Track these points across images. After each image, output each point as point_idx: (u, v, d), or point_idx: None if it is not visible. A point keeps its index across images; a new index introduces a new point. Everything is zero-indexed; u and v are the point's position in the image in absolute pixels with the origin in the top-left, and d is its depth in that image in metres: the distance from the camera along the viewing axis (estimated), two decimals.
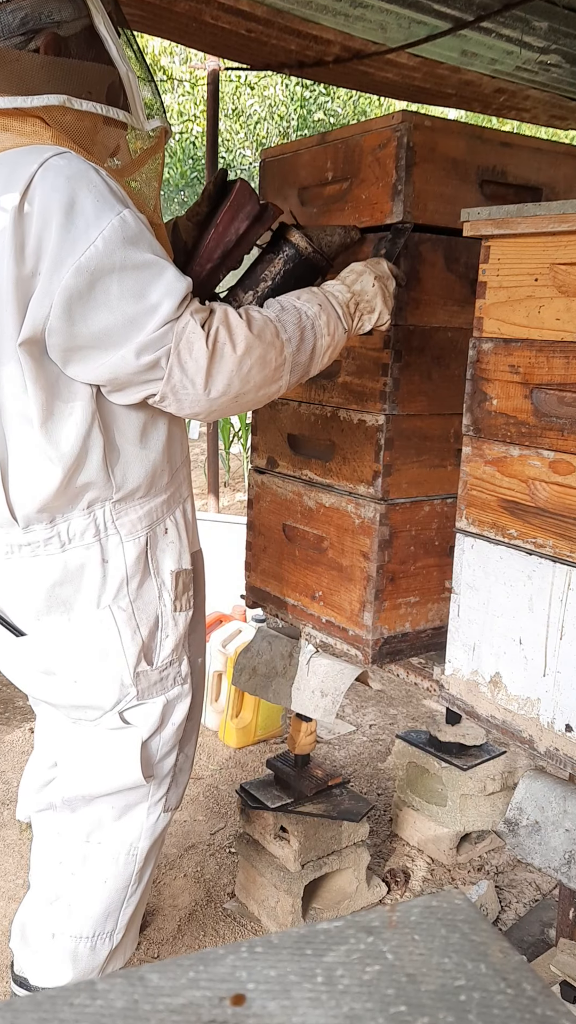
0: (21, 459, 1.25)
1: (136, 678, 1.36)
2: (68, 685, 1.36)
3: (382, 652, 1.62)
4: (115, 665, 1.34)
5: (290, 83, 11.33)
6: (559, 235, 1.18)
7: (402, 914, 0.48)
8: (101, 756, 1.40)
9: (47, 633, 1.34)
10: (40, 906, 1.46)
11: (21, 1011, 0.41)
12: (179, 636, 1.41)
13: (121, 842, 1.43)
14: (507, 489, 1.28)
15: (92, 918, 1.43)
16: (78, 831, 1.43)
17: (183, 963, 0.45)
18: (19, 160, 1.14)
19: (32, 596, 1.32)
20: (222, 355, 1.19)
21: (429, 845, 2.27)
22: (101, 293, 1.13)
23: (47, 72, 1.18)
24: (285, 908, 1.94)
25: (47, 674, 1.37)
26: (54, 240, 1.12)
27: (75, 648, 1.34)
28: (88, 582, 1.32)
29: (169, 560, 1.39)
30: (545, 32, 2.14)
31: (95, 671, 1.34)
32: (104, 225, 1.12)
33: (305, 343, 1.28)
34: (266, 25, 2.00)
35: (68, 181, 1.12)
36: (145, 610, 1.36)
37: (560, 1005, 0.43)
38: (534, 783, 1.35)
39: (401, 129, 1.42)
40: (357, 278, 1.36)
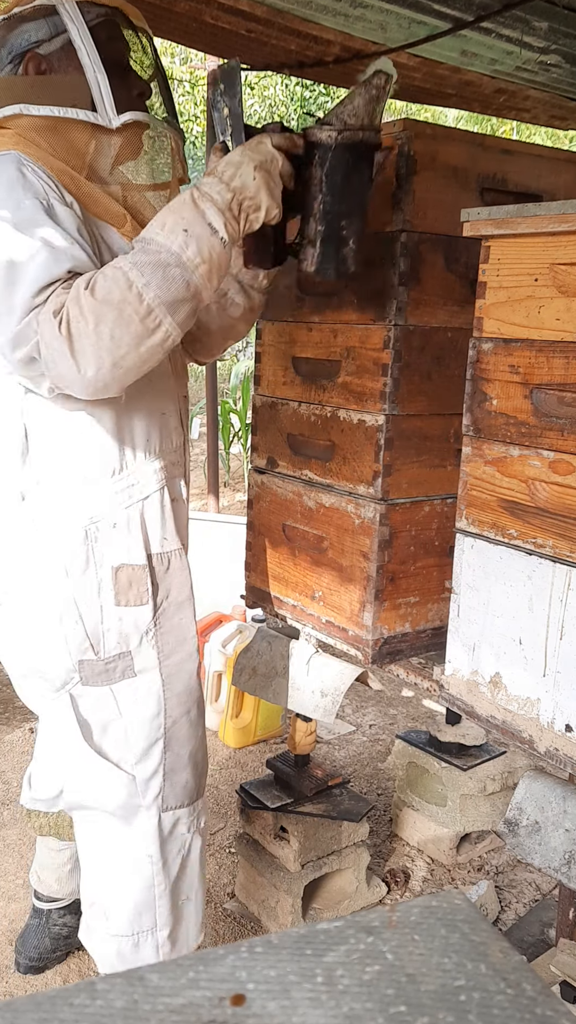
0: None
1: (79, 665, 1.39)
2: (23, 659, 1.43)
3: (382, 652, 1.62)
4: (60, 648, 1.38)
5: (290, 83, 11.33)
6: (559, 235, 1.18)
7: (402, 914, 0.48)
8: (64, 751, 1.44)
9: (7, 607, 1.42)
10: (88, 908, 1.52)
11: (21, 1011, 0.41)
12: (125, 630, 1.40)
13: (131, 848, 1.45)
14: (507, 489, 1.28)
15: (127, 918, 1.47)
16: (96, 838, 1.47)
17: (183, 963, 0.45)
18: None
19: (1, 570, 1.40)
20: (78, 333, 1.16)
21: (429, 845, 2.27)
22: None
23: (18, 90, 1.27)
24: (285, 908, 1.94)
25: (8, 645, 1.45)
26: None
27: (27, 627, 1.40)
28: (32, 568, 1.37)
29: (113, 554, 1.38)
30: (545, 32, 2.14)
31: (44, 652, 1.40)
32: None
33: (172, 281, 1.19)
34: (266, 25, 2.00)
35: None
36: (86, 601, 1.37)
37: (560, 1005, 0.43)
38: (534, 783, 1.35)
39: (402, 137, 1.42)
40: (235, 172, 1.23)
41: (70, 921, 1.87)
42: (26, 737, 2.83)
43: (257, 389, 1.84)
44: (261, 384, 1.83)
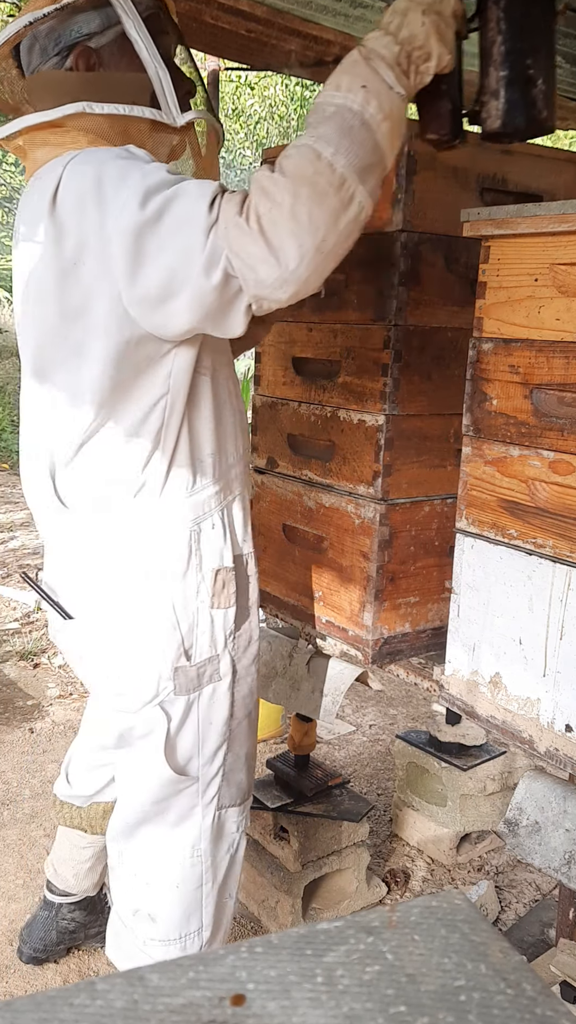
0: (74, 447, 1.26)
1: (175, 673, 1.35)
2: (109, 673, 1.38)
3: (382, 652, 1.62)
4: (154, 658, 1.34)
5: (290, 83, 11.32)
6: (559, 235, 1.18)
7: (402, 914, 0.48)
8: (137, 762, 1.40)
9: (93, 619, 1.36)
10: (125, 919, 1.48)
11: (21, 1011, 0.41)
12: (216, 633, 1.39)
13: (183, 846, 1.43)
14: (507, 489, 1.28)
15: (174, 922, 1.44)
16: (144, 851, 1.44)
17: (183, 963, 0.45)
18: (51, 168, 1.19)
19: (79, 582, 1.35)
20: (272, 222, 1.07)
21: (429, 845, 2.27)
22: (148, 244, 1.12)
23: (73, 87, 1.21)
24: (285, 908, 1.94)
25: (91, 659, 1.40)
26: (92, 220, 1.13)
27: (117, 638, 1.35)
28: (131, 573, 1.31)
29: (212, 557, 1.36)
30: None
31: (136, 664, 1.34)
32: (130, 184, 1.11)
33: (360, 144, 1.09)
34: (266, 25, 2.00)
35: (93, 165, 1.14)
36: (185, 606, 1.34)
37: (560, 1005, 0.43)
38: (534, 783, 1.35)
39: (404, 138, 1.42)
40: (402, 21, 1.12)
41: (79, 917, 1.87)
42: (26, 737, 2.83)
43: (257, 389, 1.84)
44: (261, 384, 1.83)
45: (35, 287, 1.21)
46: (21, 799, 2.46)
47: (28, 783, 2.55)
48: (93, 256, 1.14)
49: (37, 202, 1.19)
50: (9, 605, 3.98)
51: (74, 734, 2.85)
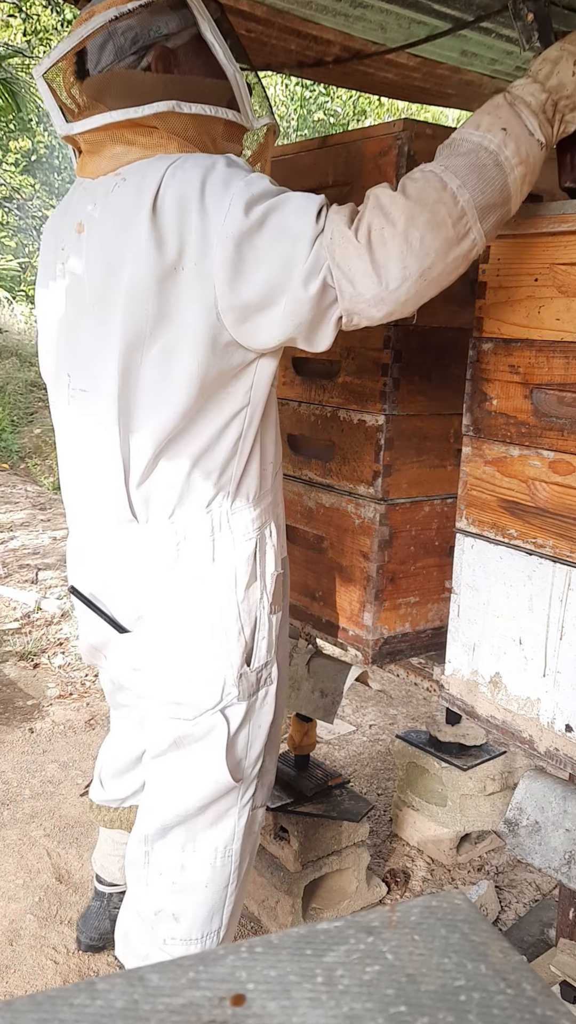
0: (149, 457, 1.26)
1: (238, 679, 1.35)
2: (170, 682, 1.36)
3: (382, 652, 1.62)
4: (220, 665, 1.34)
5: (290, 83, 11.33)
6: (559, 235, 1.18)
7: (402, 914, 0.48)
8: (191, 766, 1.39)
9: (154, 630, 1.35)
10: (146, 918, 1.47)
11: (21, 1011, 0.41)
12: (271, 638, 1.40)
13: (215, 847, 1.43)
14: (507, 489, 1.28)
15: (199, 921, 1.44)
16: (173, 844, 1.44)
17: (183, 963, 0.45)
18: (147, 169, 1.19)
19: (140, 594, 1.35)
20: (382, 240, 1.09)
21: (429, 845, 2.27)
22: (249, 252, 1.13)
23: (156, 87, 1.21)
24: (285, 908, 1.94)
25: (149, 670, 1.38)
26: (195, 225, 1.14)
27: (181, 647, 1.34)
28: (197, 581, 1.32)
29: (271, 563, 1.38)
30: None
31: (199, 670, 1.34)
32: (233, 191, 1.13)
33: (488, 183, 1.11)
34: (266, 25, 2.00)
35: (197, 170, 1.15)
36: (249, 611, 1.35)
37: (560, 1005, 0.43)
38: (534, 783, 1.35)
39: (403, 137, 1.43)
40: (552, 69, 1.12)
41: None
42: (26, 737, 2.83)
43: None
44: None
45: (131, 288, 1.19)
46: (21, 799, 2.46)
47: (28, 783, 2.55)
48: (192, 261, 1.15)
49: (131, 201, 1.18)
50: (9, 605, 3.98)
51: (74, 734, 2.85)
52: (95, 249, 1.25)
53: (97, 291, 1.26)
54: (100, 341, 1.26)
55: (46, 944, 1.93)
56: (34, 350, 9.49)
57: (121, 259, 1.20)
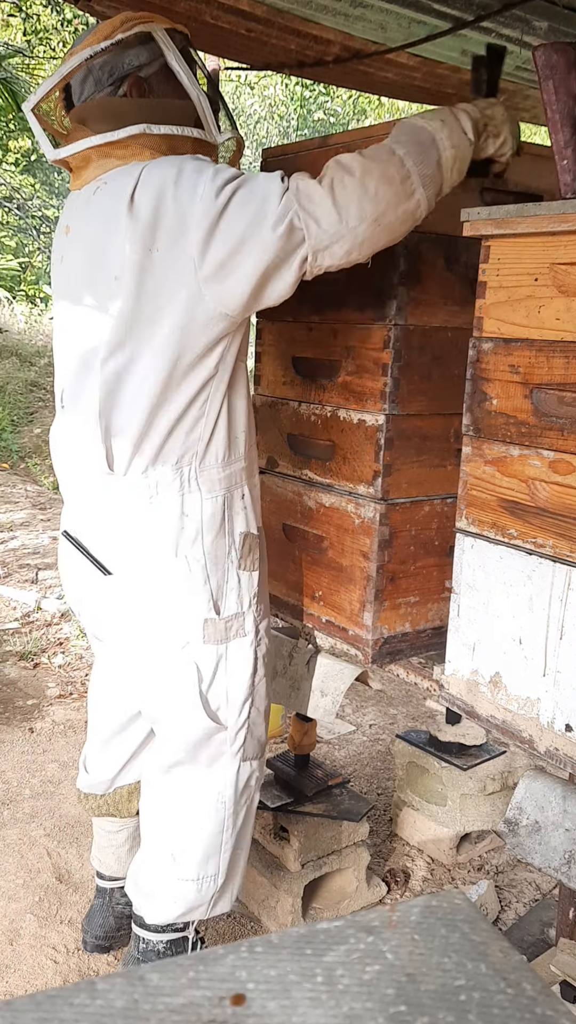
0: (130, 416, 1.41)
1: (204, 624, 1.50)
2: (145, 623, 1.50)
3: (382, 652, 1.62)
4: (186, 608, 1.49)
5: (290, 83, 11.33)
6: (559, 235, 1.18)
7: (402, 914, 0.48)
8: (172, 708, 1.54)
9: (131, 574, 1.50)
10: (152, 856, 1.63)
11: (21, 1011, 0.41)
12: (242, 593, 1.54)
13: (209, 792, 1.58)
14: (507, 489, 1.28)
15: (195, 862, 1.59)
16: (175, 790, 1.59)
17: (183, 963, 0.45)
18: (124, 173, 1.37)
19: (119, 540, 1.49)
20: (343, 186, 1.31)
21: (429, 845, 2.27)
22: (223, 221, 1.31)
23: (131, 111, 1.41)
24: (285, 908, 1.94)
25: (127, 611, 1.52)
26: (170, 210, 1.31)
27: (153, 591, 1.49)
28: (168, 531, 1.47)
29: (240, 522, 1.53)
30: (545, 32, 2.14)
31: (169, 613, 1.49)
32: (205, 178, 1.31)
33: (427, 155, 1.35)
34: (266, 25, 2.00)
35: (170, 165, 1.34)
36: (216, 563, 1.50)
37: (560, 1005, 0.43)
38: (534, 783, 1.35)
39: None
40: (488, 104, 1.44)
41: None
42: (26, 737, 2.83)
43: (257, 389, 1.84)
44: (261, 384, 1.83)
45: (119, 275, 1.36)
46: (21, 799, 2.46)
47: (28, 783, 2.55)
48: (168, 242, 1.32)
49: (110, 202, 1.36)
50: (9, 605, 3.98)
51: (74, 733, 2.85)
52: (79, 248, 1.44)
53: (84, 284, 1.43)
54: (91, 325, 1.42)
55: (46, 944, 1.93)
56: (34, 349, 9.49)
57: (104, 254, 1.38)
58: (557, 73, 1.25)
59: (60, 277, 1.53)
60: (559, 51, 1.25)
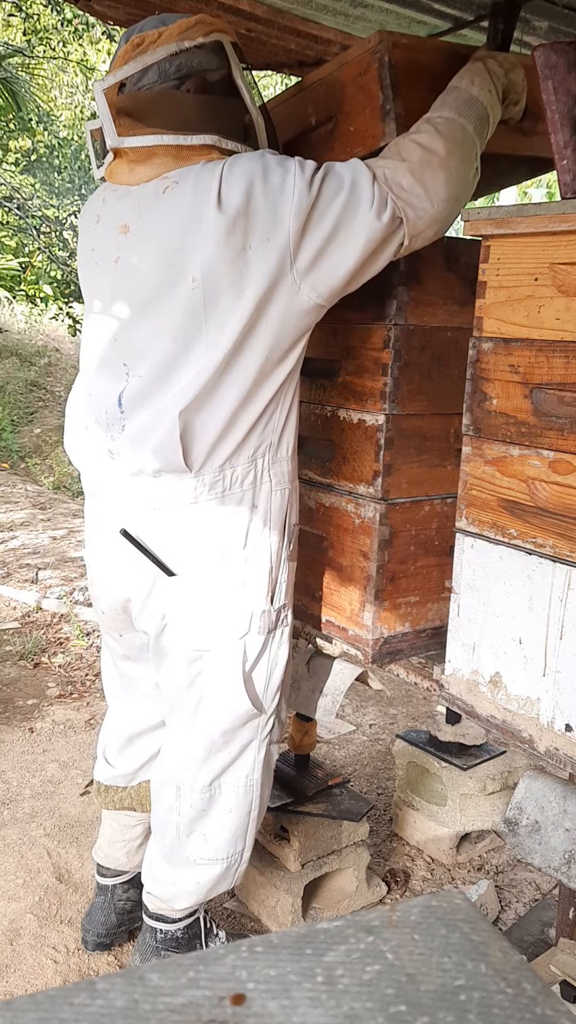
0: (214, 413, 1.42)
1: (262, 614, 1.54)
2: (206, 619, 1.53)
3: (382, 652, 1.62)
4: (248, 599, 1.52)
5: (290, 83, 11.32)
6: (559, 235, 1.18)
7: (402, 914, 0.48)
8: (214, 695, 1.57)
9: (197, 572, 1.51)
10: (179, 841, 1.67)
11: (21, 1011, 0.41)
12: (289, 583, 1.59)
13: (240, 777, 1.64)
14: (507, 489, 1.28)
15: (224, 843, 1.66)
16: (203, 777, 1.63)
17: (183, 963, 0.45)
18: (200, 172, 1.36)
19: (189, 539, 1.49)
20: (430, 168, 1.36)
21: (429, 845, 2.27)
22: (316, 212, 1.34)
23: (197, 111, 1.42)
24: (285, 908, 1.94)
25: (187, 610, 1.53)
26: (262, 206, 1.32)
27: (220, 584, 1.51)
28: (239, 524, 1.50)
29: (294, 513, 1.58)
30: (545, 32, 2.14)
31: (233, 605, 1.52)
32: (292, 172, 1.33)
33: (485, 130, 1.44)
34: (266, 25, 2.00)
35: (252, 162, 1.35)
36: (277, 554, 1.55)
37: (560, 1005, 0.43)
38: (534, 783, 1.35)
39: (380, 49, 1.41)
40: (512, 67, 1.48)
41: (133, 895, 1.93)
42: (26, 737, 2.83)
43: None
44: None
45: (204, 275, 1.36)
46: (21, 799, 2.46)
47: (28, 783, 2.55)
48: (262, 238, 1.34)
49: (189, 201, 1.35)
50: (9, 605, 3.98)
51: (74, 733, 2.85)
52: (150, 249, 1.41)
53: (158, 284, 1.40)
54: (169, 328, 1.41)
55: (46, 944, 1.93)
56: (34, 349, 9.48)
57: (185, 252, 1.36)
58: (557, 73, 1.25)
59: (118, 279, 1.47)
60: (559, 51, 1.25)
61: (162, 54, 1.39)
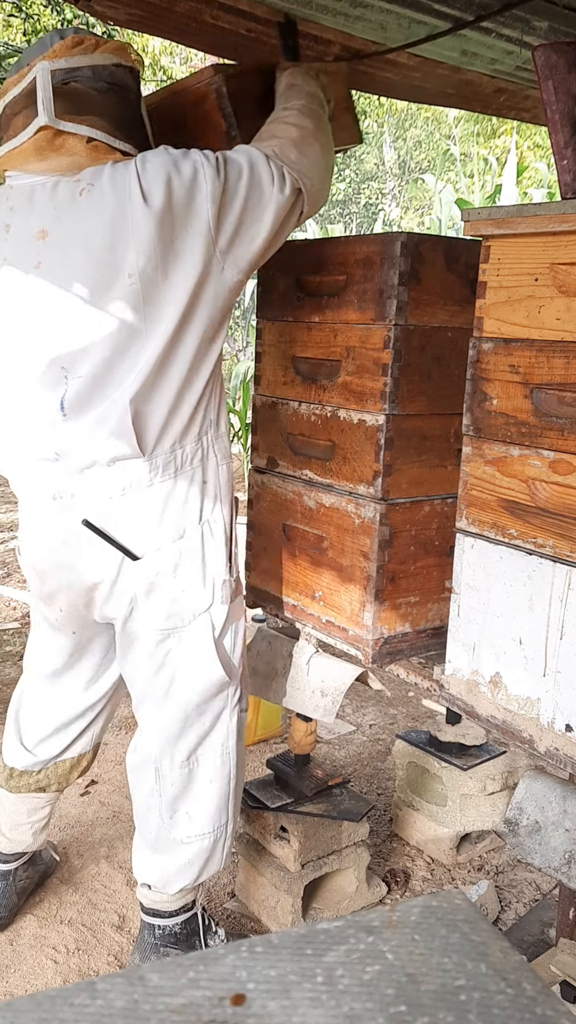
0: (160, 398, 1.49)
1: (223, 584, 1.62)
2: (174, 596, 1.58)
3: (382, 652, 1.62)
4: (211, 572, 1.60)
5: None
6: (559, 235, 1.18)
7: (402, 914, 0.49)
8: (188, 667, 1.62)
9: (160, 552, 1.56)
10: (163, 825, 1.69)
11: (21, 1011, 0.41)
12: (240, 552, 1.67)
13: (215, 746, 1.68)
14: (507, 489, 1.28)
15: (209, 816, 1.69)
16: (180, 753, 1.67)
17: (183, 963, 0.45)
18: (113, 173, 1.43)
19: (149, 521, 1.55)
20: (307, 143, 1.53)
21: (429, 845, 2.27)
22: (229, 197, 1.44)
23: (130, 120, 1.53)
24: (285, 908, 1.94)
25: (155, 591, 1.58)
26: (182, 198, 1.42)
27: (184, 561, 1.57)
28: (193, 500, 1.57)
29: (235, 485, 1.63)
30: (545, 32, 2.14)
31: (197, 579, 1.59)
32: (196, 158, 1.44)
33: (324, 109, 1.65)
34: (266, 25, 2.00)
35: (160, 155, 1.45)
36: (228, 526, 1.63)
37: (560, 1005, 0.43)
38: (534, 783, 1.35)
39: (216, 81, 1.62)
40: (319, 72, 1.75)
41: (31, 873, 2.00)
42: None
43: (257, 389, 1.84)
44: (261, 384, 1.83)
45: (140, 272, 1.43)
46: None
47: None
48: (184, 227, 1.43)
49: (111, 202, 1.42)
50: (9, 605, 3.98)
51: None
52: (77, 249, 1.45)
53: (92, 284, 1.44)
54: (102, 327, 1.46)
55: (46, 944, 1.93)
56: None
57: (116, 250, 1.42)
58: (557, 73, 1.25)
59: (41, 285, 1.49)
60: (559, 51, 1.25)
61: (100, 60, 1.49)
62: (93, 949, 1.92)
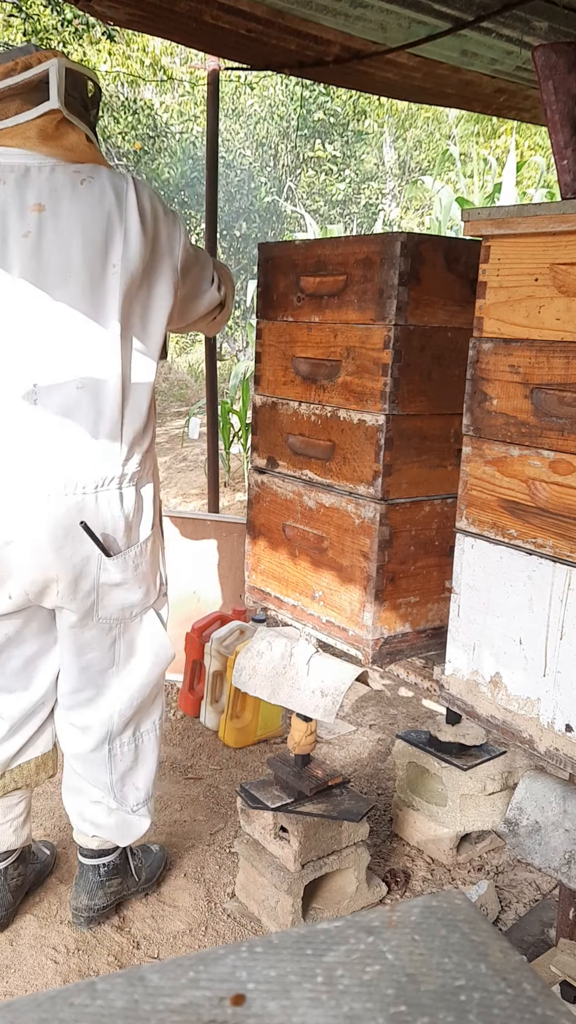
0: (138, 409, 1.68)
1: (165, 580, 1.89)
2: (132, 591, 1.78)
3: (382, 652, 1.62)
4: (158, 573, 1.86)
5: (290, 83, 11.32)
6: (559, 235, 1.18)
7: (402, 914, 0.48)
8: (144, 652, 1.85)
9: (125, 551, 1.74)
10: (115, 798, 1.90)
11: (21, 1011, 0.41)
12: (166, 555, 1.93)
13: (154, 722, 1.95)
14: (507, 489, 1.28)
15: (150, 783, 1.96)
16: (128, 732, 1.89)
17: (183, 963, 0.45)
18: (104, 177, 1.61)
19: (117, 523, 1.71)
20: (230, 284, 1.92)
21: (429, 845, 2.27)
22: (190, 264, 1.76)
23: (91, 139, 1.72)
24: (285, 908, 1.94)
25: (118, 586, 1.76)
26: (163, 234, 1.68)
27: (142, 560, 1.77)
28: (148, 506, 1.78)
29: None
30: (545, 32, 2.14)
31: (148, 578, 1.81)
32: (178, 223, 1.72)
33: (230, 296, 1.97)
34: (266, 25, 2.01)
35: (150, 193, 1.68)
36: (161, 529, 1.86)
37: (560, 1005, 0.43)
38: (534, 783, 1.35)
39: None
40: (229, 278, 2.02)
41: (23, 870, 2.02)
42: None
43: (257, 389, 1.84)
44: (261, 384, 1.83)
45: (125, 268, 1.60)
46: None
47: None
48: (163, 253, 1.67)
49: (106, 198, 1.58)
50: None
51: None
52: (74, 227, 1.57)
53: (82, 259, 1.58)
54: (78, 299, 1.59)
55: (46, 944, 1.93)
56: None
57: (107, 240, 1.58)
58: (557, 73, 1.25)
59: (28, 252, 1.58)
60: (559, 51, 1.25)
61: (84, 75, 1.68)
62: (93, 949, 1.92)
